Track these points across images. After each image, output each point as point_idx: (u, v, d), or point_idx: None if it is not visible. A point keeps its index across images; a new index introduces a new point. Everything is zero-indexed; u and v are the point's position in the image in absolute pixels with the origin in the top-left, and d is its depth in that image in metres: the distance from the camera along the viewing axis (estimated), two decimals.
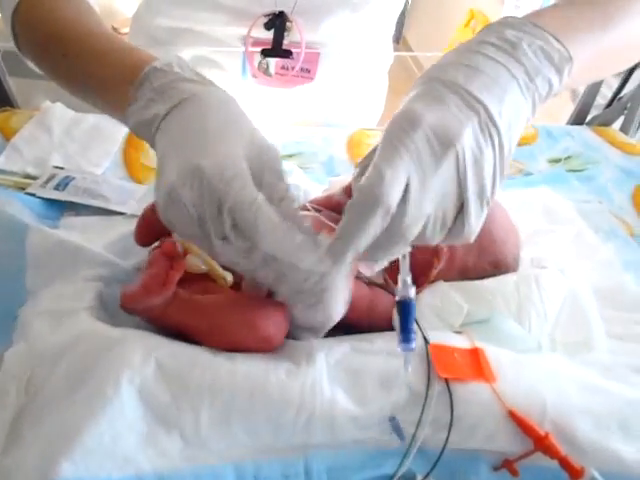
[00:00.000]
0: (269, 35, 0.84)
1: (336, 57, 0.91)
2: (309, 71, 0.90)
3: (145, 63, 0.47)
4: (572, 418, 0.45)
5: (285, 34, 0.85)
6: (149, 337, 0.45)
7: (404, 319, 0.43)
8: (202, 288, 0.50)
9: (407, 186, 0.37)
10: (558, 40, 0.42)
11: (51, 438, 0.40)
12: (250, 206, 0.39)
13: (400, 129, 0.38)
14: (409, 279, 0.43)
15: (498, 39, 0.42)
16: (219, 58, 0.89)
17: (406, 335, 0.42)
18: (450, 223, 0.39)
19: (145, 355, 0.43)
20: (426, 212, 0.38)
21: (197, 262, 0.51)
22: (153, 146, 0.45)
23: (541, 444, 0.43)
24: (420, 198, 0.37)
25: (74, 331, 0.46)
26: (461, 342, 0.49)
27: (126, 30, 1.32)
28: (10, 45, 0.74)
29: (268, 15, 0.82)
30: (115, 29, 2.09)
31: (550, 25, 0.43)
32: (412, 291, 0.43)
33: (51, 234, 0.58)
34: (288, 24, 0.84)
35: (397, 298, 0.43)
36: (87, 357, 0.44)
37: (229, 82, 0.91)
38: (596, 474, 0.42)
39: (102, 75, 0.50)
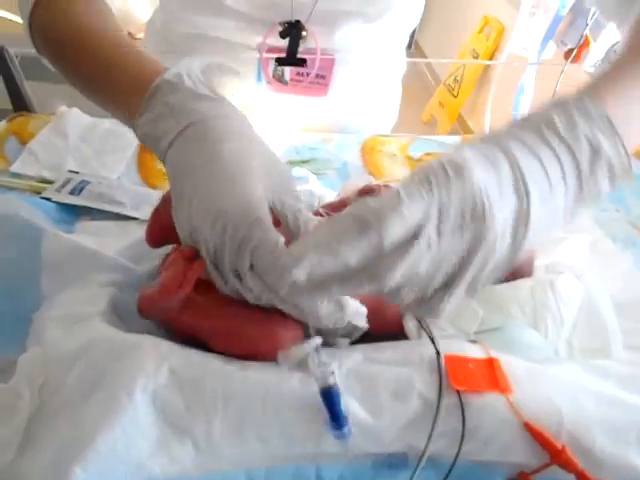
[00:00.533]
0: (284, 43, 0.84)
1: (350, 64, 0.92)
2: (324, 77, 0.90)
3: (157, 74, 0.48)
4: (589, 430, 0.44)
5: (300, 42, 0.85)
6: (162, 343, 0.45)
7: (330, 407, 0.42)
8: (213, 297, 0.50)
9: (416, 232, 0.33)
10: (624, 147, 0.38)
11: (64, 444, 0.40)
12: (271, 251, 0.39)
13: (443, 170, 0.34)
14: (331, 366, 0.43)
15: (566, 130, 0.37)
16: (234, 64, 0.90)
17: (337, 422, 0.42)
18: (429, 294, 0.36)
19: (158, 362, 0.43)
20: (420, 272, 0.34)
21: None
22: (162, 160, 0.47)
23: (558, 457, 0.42)
24: (421, 255, 0.33)
25: (88, 336, 0.46)
26: (476, 352, 0.48)
27: (141, 35, 1.33)
28: (27, 50, 0.74)
29: (283, 24, 0.83)
30: (130, 34, 2.11)
31: (615, 112, 0.39)
32: (332, 378, 0.42)
33: (66, 239, 0.58)
34: (303, 33, 0.84)
35: (318, 387, 0.42)
36: (100, 363, 0.44)
37: (244, 88, 0.91)
38: None
39: (114, 83, 0.51)
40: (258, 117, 0.95)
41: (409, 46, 3.23)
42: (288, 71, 0.89)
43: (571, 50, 1.49)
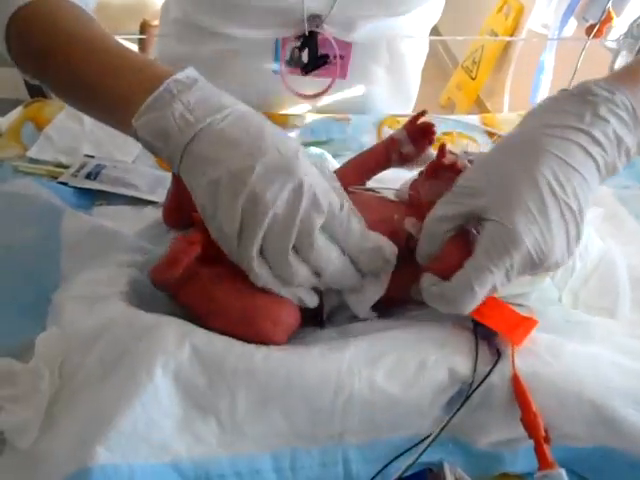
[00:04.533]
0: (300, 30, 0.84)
1: (372, 51, 0.92)
2: (342, 57, 0.89)
3: (162, 76, 0.47)
4: (611, 400, 0.43)
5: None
6: (183, 323, 0.45)
7: None
8: (226, 269, 0.50)
9: None
10: None
11: (86, 423, 0.40)
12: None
13: (502, 248, 0.41)
14: None
15: (602, 133, 0.44)
16: (250, 49, 0.89)
17: None
18: None
19: (180, 340, 0.42)
20: None
21: None
22: (173, 156, 0.45)
23: (527, 417, 0.42)
24: None
25: (107, 316, 0.46)
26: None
27: (156, 22, 1.32)
28: None
29: (299, 37, 0.83)
30: (146, 22, 2.11)
31: None
32: None
33: (86, 219, 0.58)
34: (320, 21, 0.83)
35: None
36: (121, 342, 0.43)
37: (259, 73, 0.90)
38: (564, 474, 0.40)
39: (112, 86, 0.49)
40: (275, 101, 0.95)
41: None
42: (306, 54, 0.88)
43: (593, 26, 1.45)
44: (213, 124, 0.44)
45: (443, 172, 0.52)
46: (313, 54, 0.86)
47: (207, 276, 0.47)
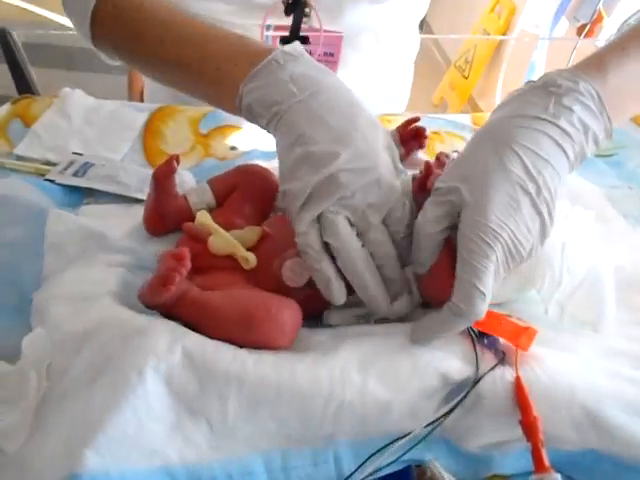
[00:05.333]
0: (287, 21, 0.83)
1: (360, 44, 0.90)
2: (332, 55, 0.89)
3: (263, 48, 0.50)
4: (602, 404, 0.43)
5: (305, 20, 0.83)
6: (175, 326, 0.44)
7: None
8: (220, 276, 0.50)
9: None
10: (610, 122, 0.46)
11: (74, 427, 0.39)
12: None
13: (484, 244, 0.41)
14: None
15: (567, 122, 0.45)
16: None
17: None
18: None
19: (171, 342, 0.42)
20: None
21: (221, 243, 0.51)
22: (269, 124, 0.49)
23: (527, 420, 0.42)
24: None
25: (97, 316, 0.45)
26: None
27: None
28: (30, 33, 0.73)
29: (286, 1, 0.81)
30: None
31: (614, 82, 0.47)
32: None
33: (72, 219, 0.57)
34: (307, 10, 0.82)
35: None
36: (111, 343, 0.43)
37: None
38: (559, 479, 0.40)
39: (211, 57, 0.52)
40: None
41: (419, 27, 3.19)
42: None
43: (584, 26, 1.45)
44: (312, 98, 0.47)
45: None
46: (296, 26, 0.84)
47: (199, 288, 0.47)
